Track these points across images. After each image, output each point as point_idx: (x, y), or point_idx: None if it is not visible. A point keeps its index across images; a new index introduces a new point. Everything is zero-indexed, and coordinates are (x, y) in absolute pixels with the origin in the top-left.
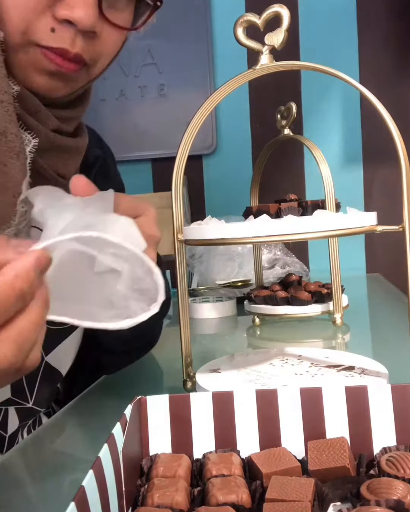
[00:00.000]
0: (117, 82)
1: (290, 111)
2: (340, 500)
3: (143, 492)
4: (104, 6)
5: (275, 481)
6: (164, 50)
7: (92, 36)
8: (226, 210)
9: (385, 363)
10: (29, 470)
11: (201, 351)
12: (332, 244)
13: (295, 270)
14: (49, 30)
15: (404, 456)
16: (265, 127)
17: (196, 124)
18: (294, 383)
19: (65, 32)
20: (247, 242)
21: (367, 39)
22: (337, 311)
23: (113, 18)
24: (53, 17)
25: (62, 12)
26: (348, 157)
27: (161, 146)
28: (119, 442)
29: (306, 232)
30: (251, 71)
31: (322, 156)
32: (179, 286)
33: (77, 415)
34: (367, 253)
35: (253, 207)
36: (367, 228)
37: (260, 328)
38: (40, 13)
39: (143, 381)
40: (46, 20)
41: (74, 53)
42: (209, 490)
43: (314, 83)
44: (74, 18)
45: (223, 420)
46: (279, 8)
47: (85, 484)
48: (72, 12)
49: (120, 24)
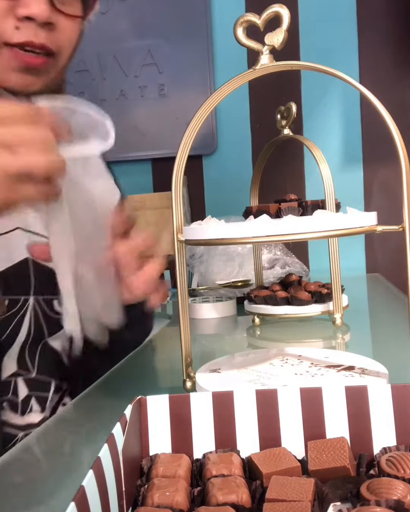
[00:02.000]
0: (117, 82)
1: (290, 111)
2: (340, 500)
3: (143, 492)
4: (55, 1)
5: (275, 481)
6: (164, 50)
7: (50, 27)
8: (226, 210)
9: (385, 363)
10: (29, 470)
11: (202, 351)
12: (332, 244)
13: (295, 270)
14: (14, 28)
15: (404, 456)
16: (265, 127)
17: (196, 124)
18: (294, 383)
19: (27, 27)
20: (247, 242)
21: (367, 39)
22: (337, 311)
23: (65, 10)
24: (15, 18)
25: (21, 11)
26: (348, 157)
27: (161, 146)
28: (119, 442)
29: (306, 232)
30: (251, 71)
31: (322, 156)
32: (179, 286)
33: (77, 415)
34: (367, 253)
35: (253, 207)
36: (367, 228)
37: (260, 328)
38: (3, 16)
39: (143, 381)
40: (9, 21)
41: (39, 43)
42: (209, 490)
43: (314, 83)
44: (32, 13)
45: (223, 420)
46: (279, 8)
47: (85, 484)
48: (29, 9)
49: (72, 14)
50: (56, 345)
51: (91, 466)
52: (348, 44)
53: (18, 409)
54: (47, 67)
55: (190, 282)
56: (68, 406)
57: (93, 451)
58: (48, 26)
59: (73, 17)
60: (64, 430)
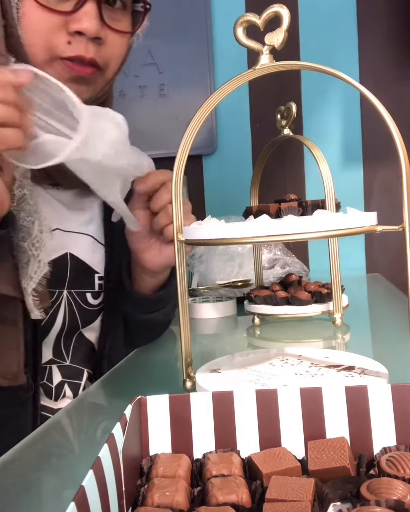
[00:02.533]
0: (117, 82)
1: (290, 111)
2: (340, 500)
3: (143, 492)
4: (105, 17)
5: (275, 481)
6: (164, 50)
7: (99, 42)
8: (226, 210)
9: (385, 363)
10: (29, 470)
11: (202, 351)
12: (332, 244)
13: (295, 270)
14: (66, 43)
15: (404, 456)
16: (265, 127)
17: (196, 124)
18: (294, 383)
19: (78, 42)
20: (247, 242)
21: (367, 39)
22: (337, 311)
23: (114, 25)
24: (67, 33)
25: (73, 26)
26: (348, 157)
27: (161, 146)
28: (119, 442)
29: (306, 232)
30: (251, 71)
31: (322, 156)
32: (179, 286)
33: (77, 415)
34: (367, 253)
35: (253, 207)
36: (367, 228)
37: (260, 328)
38: (56, 31)
39: (143, 381)
40: (62, 36)
41: (89, 58)
42: (209, 490)
43: (314, 83)
44: (83, 28)
45: (223, 420)
46: (279, 8)
47: (85, 484)
48: (80, 24)
49: (120, 30)
50: (90, 336)
51: (91, 466)
52: (348, 44)
53: (52, 395)
54: (96, 77)
55: (190, 282)
56: (68, 406)
57: (93, 451)
58: (98, 40)
59: (122, 33)
60: (64, 430)
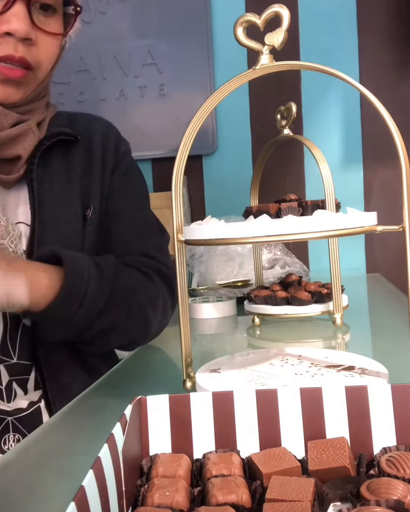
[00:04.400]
0: (117, 82)
1: (290, 111)
2: (340, 500)
3: (143, 492)
4: (35, 19)
5: (275, 481)
6: (164, 50)
7: (30, 43)
8: (226, 210)
9: (385, 363)
10: (29, 470)
11: (202, 351)
12: (332, 244)
13: (295, 270)
14: None
15: (404, 456)
16: (265, 127)
17: (196, 124)
18: (294, 383)
19: (7, 42)
20: (247, 242)
21: (367, 39)
22: (337, 311)
23: (44, 27)
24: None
25: (2, 27)
26: (348, 157)
27: (161, 146)
28: (119, 442)
29: (306, 232)
30: (251, 71)
31: (322, 156)
32: (179, 286)
33: (77, 415)
34: (367, 253)
35: (253, 207)
36: (367, 228)
37: (260, 328)
38: None
39: (143, 381)
40: None
41: (18, 56)
42: (209, 490)
43: (314, 83)
44: (11, 29)
45: (223, 420)
46: (279, 8)
47: (85, 484)
48: (9, 25)
49: (51, 31)
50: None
51: (91, 466)
52: (348, 44)
53: (4, 396)
54: (27, 79)
55: (190, 282)
56: (68, 406)
57: (93, 451)
58: (27, 41)
59: (53, 35)
60: (64, 430)
